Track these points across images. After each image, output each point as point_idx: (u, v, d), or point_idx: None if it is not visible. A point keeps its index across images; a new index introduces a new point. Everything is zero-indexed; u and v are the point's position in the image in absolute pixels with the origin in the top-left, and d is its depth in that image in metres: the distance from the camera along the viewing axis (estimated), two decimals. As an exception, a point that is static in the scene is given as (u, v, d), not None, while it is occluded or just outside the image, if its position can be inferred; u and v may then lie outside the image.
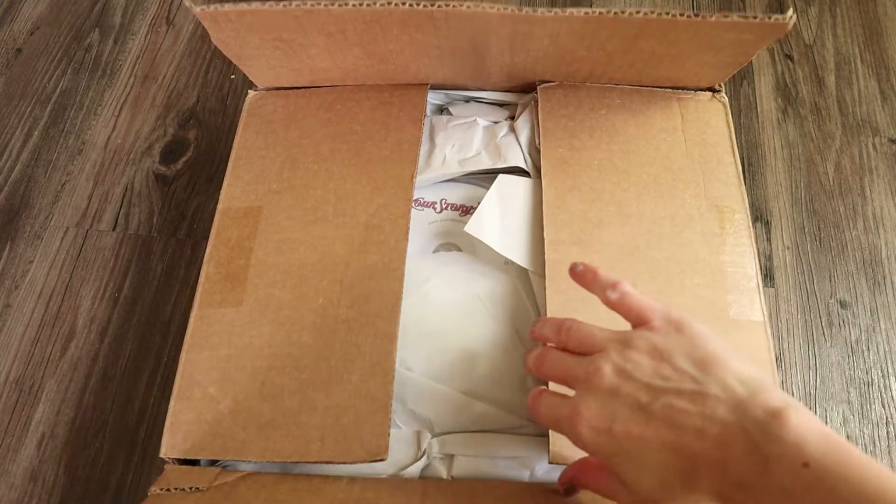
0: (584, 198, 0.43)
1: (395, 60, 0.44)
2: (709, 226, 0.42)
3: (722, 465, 0.24)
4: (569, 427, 0.28)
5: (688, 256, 0.41)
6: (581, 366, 0.29)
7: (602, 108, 0.46)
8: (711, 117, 0.46)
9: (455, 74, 0.47)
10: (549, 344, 0.33)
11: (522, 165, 0.46)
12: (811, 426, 0.23)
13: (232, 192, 0.44)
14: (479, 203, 0.44)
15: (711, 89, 0.47)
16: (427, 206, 0.46)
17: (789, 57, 0.67)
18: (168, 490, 0.35)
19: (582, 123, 0.46)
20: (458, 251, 0.45)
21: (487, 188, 0.44)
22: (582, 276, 0.33)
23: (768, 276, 0.55)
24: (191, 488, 0.35)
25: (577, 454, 0.30)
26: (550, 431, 0.36)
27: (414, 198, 0.47)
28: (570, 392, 0.30)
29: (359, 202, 0.43)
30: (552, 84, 0.47)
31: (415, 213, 0.46)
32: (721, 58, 0.42)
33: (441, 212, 0.46)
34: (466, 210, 0.46)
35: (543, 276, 0.41)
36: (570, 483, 0.32)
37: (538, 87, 0.47)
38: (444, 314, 0.41)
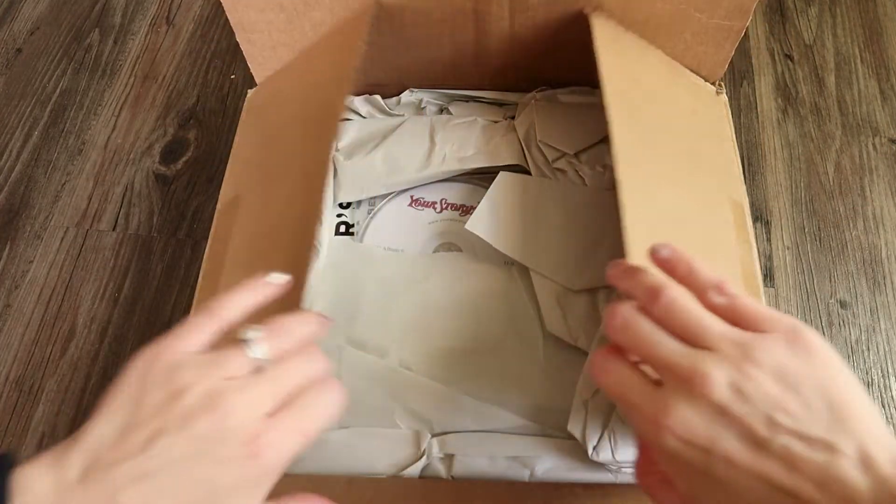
0: (636, 141, 0.38)
1: None
2: (724, 217, 0.41)
3: None
4: (652, 427, 0.24)
5: (712, 242, 0.39)
6: (682, 358, 0.24)
7: (647, 62, 0.44)
8: (717, 112, 0.46)
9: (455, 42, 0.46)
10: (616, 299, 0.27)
11: (523, 164, 0.46)
12: None
13: (229, 191, 0.44)
14: (479, 203, 0.44)
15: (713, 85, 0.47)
16: (427, 206, 0.46)
17: (789, 57, 0.67)
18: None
19: (634, 63, 0.43)
20: (458, 251, 0.45)
21: (487, 188, 0.44)
22: (668, 263, 0.26)
23: (768, 276, 0.55)
24: None
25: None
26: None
27: (414, 198, 0.47)
28: (646, 369, 0.25)
29: (307, 151, 0.40)
30: (603, 14, 0.43)
31: (415, 213, 0.46)
32: (720, 19, 0.41)
33: (441, 212, 0.46)
34: (466, 210, 0.46)
35: (544, 274, 0.41)
36: None
37: (590, 14, 0.42)
38: (444, 314, 0.41)
